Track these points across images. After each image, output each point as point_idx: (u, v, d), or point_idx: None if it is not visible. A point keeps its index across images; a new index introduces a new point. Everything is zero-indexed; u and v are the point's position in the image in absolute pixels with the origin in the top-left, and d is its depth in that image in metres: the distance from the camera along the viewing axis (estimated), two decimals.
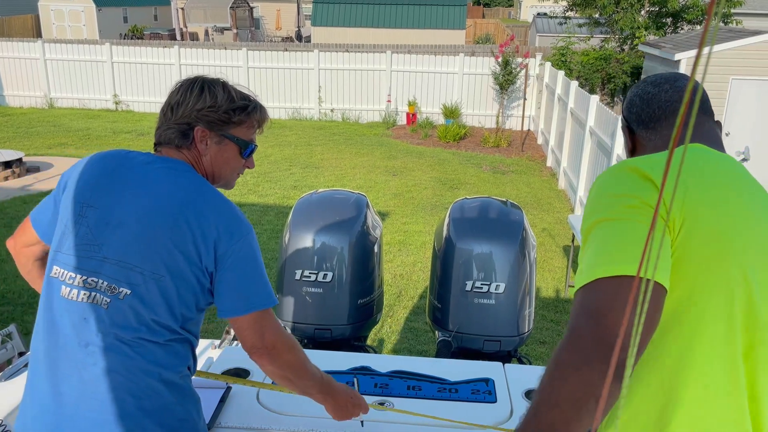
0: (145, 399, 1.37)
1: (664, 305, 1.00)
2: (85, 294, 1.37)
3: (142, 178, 1.43)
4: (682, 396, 1.03)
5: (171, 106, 1.51)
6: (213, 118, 1.49)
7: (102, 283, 1.36)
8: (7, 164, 8.34)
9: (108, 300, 1.36)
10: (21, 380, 1.88)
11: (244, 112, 1.53)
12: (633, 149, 1.34)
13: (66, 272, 1.38)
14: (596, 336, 0.92)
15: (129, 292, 1.36)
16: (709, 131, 1.28)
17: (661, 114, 1.29)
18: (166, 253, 1.38)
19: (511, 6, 58.98)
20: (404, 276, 5.78)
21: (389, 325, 4.85)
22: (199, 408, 1.51)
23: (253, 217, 7.16)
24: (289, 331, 2.27)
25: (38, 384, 1.39)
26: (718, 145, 1.25)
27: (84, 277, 1.37)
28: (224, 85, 1.53)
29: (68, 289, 1.37)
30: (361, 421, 1.66)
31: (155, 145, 1.54)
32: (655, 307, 0.97)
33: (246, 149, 1.56)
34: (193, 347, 1.50)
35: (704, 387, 1.02)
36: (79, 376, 1.35)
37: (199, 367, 2.13)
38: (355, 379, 1.70)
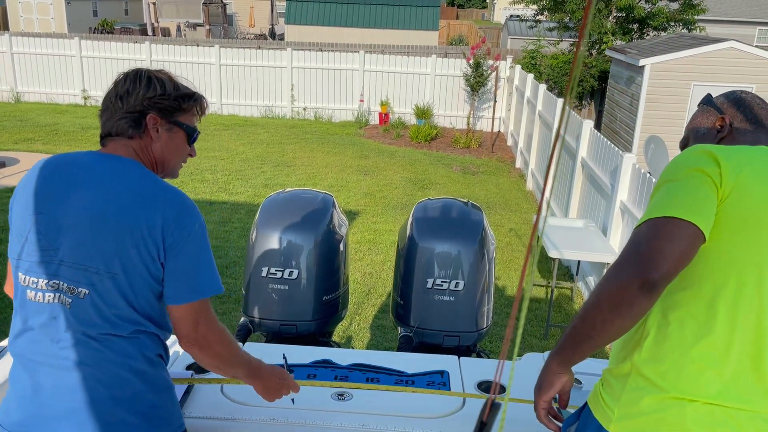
0: (115, 388, 1.44)
1: (702, 250, 1.23)
2: (50, 296, 1.44)
3: (87, 179, 1.46)
4: (719, 312, 1.25)
5: (119, 96, 1.53)
6: (164, 105, 1.54)
7: (63, 284, 1.42)
8: None
9: (70, 300, 1.42)
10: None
11: (191, 99, 1.59)
12: (724, 137, 1.48)
13: (29, 278, 1.45)
14: (635, 257, 1.19)
15: (87, 291, 1.42)
16: None
17: (759, 121, 1.48)
18: (117, 251, 1.41)
19: (485, 8, 59.47)
20: (373, 275, 5.87)
21: (357, 323, 4.93)
22: (173, 395, 1.56)
23: (224, 215, 7.17)
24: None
25: (19, 376, 1.48)
26: None
27: (46, 281, 1.43)
28: (169, 76, 1.59)
29: (34, 292, 1.44)
30: (292, 399, 1.73)
31: (102, 137, 1.56)
32: (690, 246, 1.19)
33: (192, 136, 1.62)
34: (161, 337, 1.54)
35: (733, 312, 1.25)
36: (54, 368, 1.43)
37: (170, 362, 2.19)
38: (284, 357, 1.77)
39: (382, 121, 12.68)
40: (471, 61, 11.97)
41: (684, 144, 1.58)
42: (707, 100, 1.57)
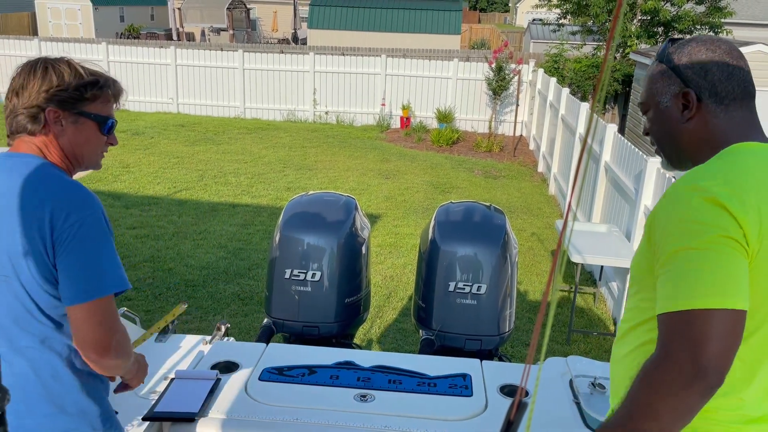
0: (45, 381, 1.42)
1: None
2: None
3: None
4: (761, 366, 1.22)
5: (15, 92, 1.43)
6: (63, 97, 1.43)
7: None
8: None
9: None
10: None
11: (95, 87, 1.47)
12: (690, 118, 1.29)
13: None
14: (696, 363, 1.06)
15: None
16: (757, 120, 1.30)
17: (738, 93, 1.27)
18: (10, 254, 1.35)
19: (507, 11, 59.25)
20: (394, 278, 5.88)
21: (378, 326, 4.94)
22: (98, 389, 1.50)
23: (246, 218, 7.24)
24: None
25: None
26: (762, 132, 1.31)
27: None
28: (69, 63, 1.48)
29: None
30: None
31: (8, 136, 1.49)
32: (740, 331, 1.10)
33: (105, 125, 1.50)
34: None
35: None
36: None
37: (189, 362, 2.22)
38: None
39: (404, 124, 12.70)
40: (493, 65, 11.94)
41: (645, 111, 1.38)
42: (666, 57, 1.33)
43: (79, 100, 1.44)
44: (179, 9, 25.05)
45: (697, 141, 1.30)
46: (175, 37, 24.72)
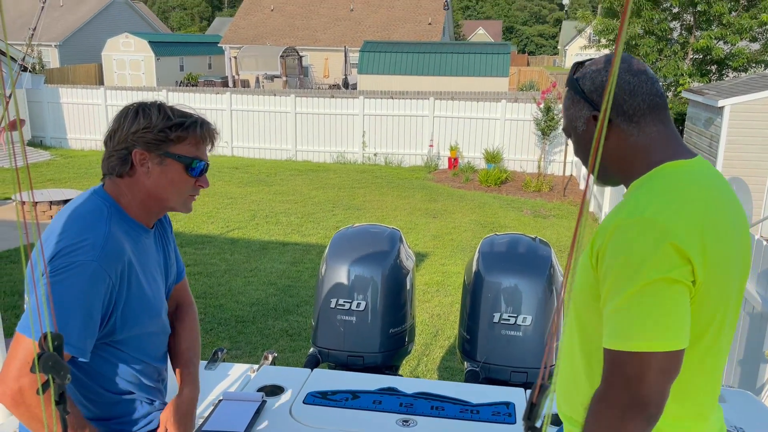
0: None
1: None
2: None
3: None
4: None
5: (110, 135, 1.48)
6: (149, 139, 1.45)
7: None
8: (66, 202, 8.82)
9: None
10: None
11: (181, 128, 1.47)
12: (606, 138, 1.30)
13: None
14: (634, 398, 1.14)
15: None
16: (674, 131, 1.32)
17: (645, 108, 1.28)
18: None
19: (556, 54, 59.37)
20: (441, 316, 5.85)
21: (425, 364, 4.90)
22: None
23: (296, 256, 7.36)
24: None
25: None
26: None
27: None
28: (160, 106, 1.49)
29: None
30: None
31: (102, 178, 1.54)
32: (678, 366, 1.16)
33: (191, 166, 1.49)
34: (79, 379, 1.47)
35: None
36: None
37: (235, 387, 2.27)
38: None
39: (452, 165, 12.76)
40: (541, 105, 11.95)
41: (568, 136, 1.41)
42: (572, 83, 1.35)
43: (163, 141, 1.46)
44: (235, 58, 26.11)
45: (618, 160, 1.31)
46: (230, 84, 25.72)
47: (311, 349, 2.67)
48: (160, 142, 1.45)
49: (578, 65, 1.36)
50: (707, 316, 1.22)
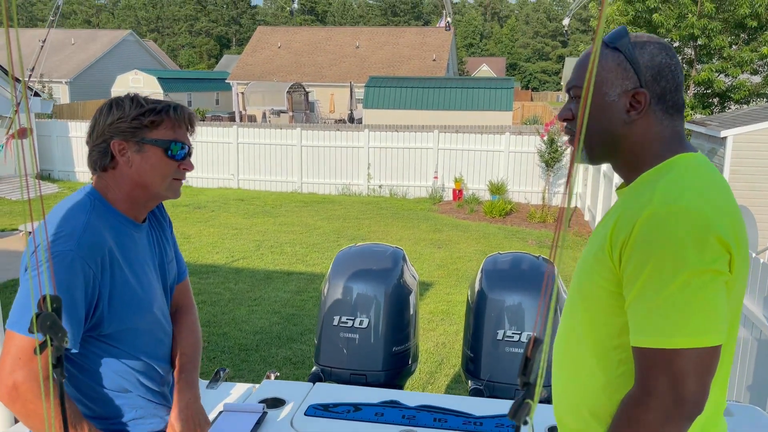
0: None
1: None
2: None
3: None
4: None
5: (89, 131, 1.51)
6: (124, 128, 1.46)
7: None
8: None
9: None
10: None
11: (153, 113, 1.48)
12: (636, 119, 1.22)
13: None
14: (677, 399, 1.08)
15: None
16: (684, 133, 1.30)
17: (681, 105, 1.26)
18: None
19: (559, 90, 59.97)
20: (446, 345, 5.80)
21: (430, 392, 4.84)
22: None
23: (300, 285, 7.34)
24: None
25: None
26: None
27: None
28: (133, 97, 1.51)
29: None
30: None
31: (91, 178, 1.57)
32: (717, 363, 1.12)
33: (170, 149, 1.50)
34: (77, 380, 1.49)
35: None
36: None
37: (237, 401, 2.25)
38: None
39: (456, 197, 12.80)
40: (545, 138, 12.03)
41: (576, 95, 1.26)
42: (626, 47, 1.22)
43: (138, 128, 1.47)
44: (242, 93, 26.49)
45: (633, 145, 1.24)
46: (237, 119, 26.03)
47: (314, 368, 2.66)
48: (135, 129, 1.47)
49: (628, 33, 1.23)
50: (732, 310, 1.18)
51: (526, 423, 0.58)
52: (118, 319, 1.47)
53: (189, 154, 1.56)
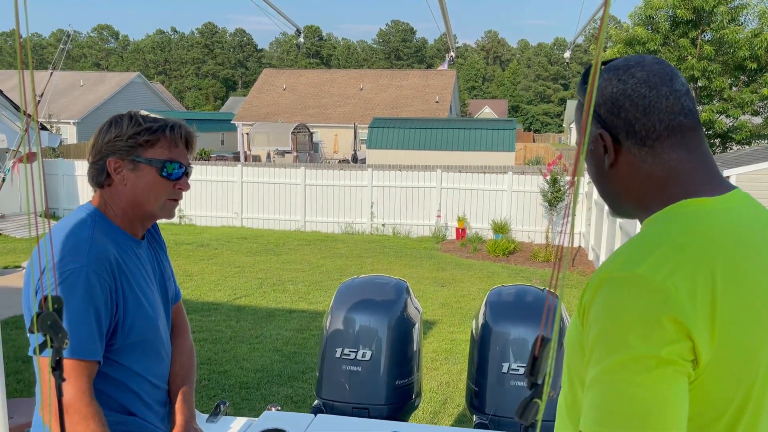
0: None
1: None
2: None
3: None
4: None
5: (89, 149, 1.52)
6: (120, 147, 1.47)
7: None
8: None
9: None
10: None
11: (149, 132, 1.48)
12: (613, 163, 1.07)
13: None
14: None
15: None
16: (702, 159, 1.06)
17: (662, 129, 1.03)
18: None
19: (561, 132, 60.54)
20: (450, 384, 5.70)
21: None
22: None
23: (302, 323, 7.28)
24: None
25: None
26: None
27: None
28: (132, 116, 1.51)
29: None
30: None
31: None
32: None
33: (164, 168, 1.50)
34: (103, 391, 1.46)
35: None
36: None
37: None
38: None
39: (459, 236, 12.79)
40: (548, 177, 12.08)
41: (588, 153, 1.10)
42: (580, 89, 1.09)
43: (134, 147, 1.48)
44: (247, 134, 26.79)
45: (629, 190, 1.08)
46: (242, 159, 26.25)
47: (315, 402, 2.61)
48: (130, 148, 1.48)
49: (589, 69, 1.08)
50: (724, 395, 0.96)
51: (533, 423, 0.56)
52: (129, 330, 1.46)
53: (187, 173, 1.55)
